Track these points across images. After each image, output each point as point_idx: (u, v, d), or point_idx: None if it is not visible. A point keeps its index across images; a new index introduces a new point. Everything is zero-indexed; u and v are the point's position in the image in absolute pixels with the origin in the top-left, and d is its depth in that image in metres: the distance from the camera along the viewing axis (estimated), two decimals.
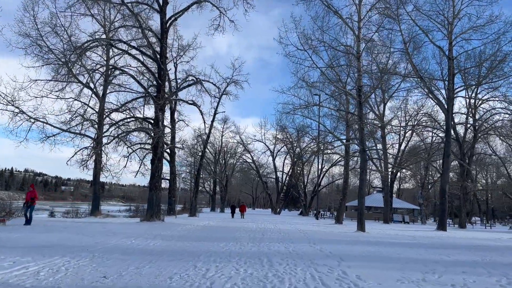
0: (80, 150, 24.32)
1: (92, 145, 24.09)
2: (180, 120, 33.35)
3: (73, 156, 24.17)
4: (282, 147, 61.56)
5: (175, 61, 32.65)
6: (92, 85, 27.97)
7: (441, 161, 41.18)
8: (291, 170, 61.24)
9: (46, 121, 24.40)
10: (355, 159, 42.28)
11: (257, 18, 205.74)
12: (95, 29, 30.68)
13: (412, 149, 49.45)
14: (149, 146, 24.61)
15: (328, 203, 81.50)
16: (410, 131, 46.16)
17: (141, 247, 10.42)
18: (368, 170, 46.84)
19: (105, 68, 28.17)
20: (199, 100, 31.64)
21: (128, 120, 24.87)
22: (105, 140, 24.83)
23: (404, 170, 51.40)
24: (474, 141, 41.25)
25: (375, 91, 33.39)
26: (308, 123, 49.31)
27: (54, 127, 24.67)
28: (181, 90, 27.61)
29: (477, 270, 8.48)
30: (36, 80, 23.35)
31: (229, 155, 63.12)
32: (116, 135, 23.80)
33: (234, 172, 68.71)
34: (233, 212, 37.94)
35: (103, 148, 24.82)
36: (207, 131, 36.07)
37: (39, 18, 24.55)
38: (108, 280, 6.21)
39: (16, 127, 23.05)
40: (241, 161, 66.25)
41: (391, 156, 45.75)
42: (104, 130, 25.75)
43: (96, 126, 26.89)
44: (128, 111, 25.88)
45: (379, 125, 37.57)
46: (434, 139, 46.94)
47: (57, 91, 25.02)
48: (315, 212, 51.71)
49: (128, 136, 24.55)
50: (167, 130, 29.27)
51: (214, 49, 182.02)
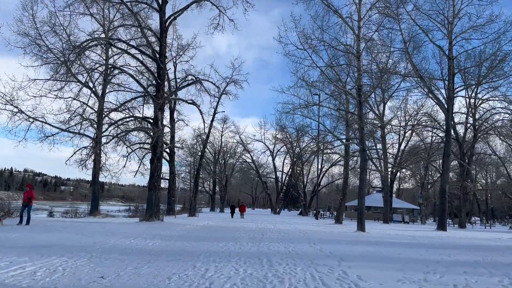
0: (79, 149, 24.31)
1: (91, 144, 24.03)
2: (180, 120, 33.34)
3: (72, 156, 24.16)
4: (281, 147, 61.59)
5: (174, 60, 32.63)
6: (91, 85, 27.87)
7: (440, 161, 41.12)
8: (290, 170, 61.18)
9: (45, 121, 24.37)
10: (355, 159, 42.23)
11: (256, 18, 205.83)
12: (94, 28, 30.54)
13: (412, 149, 49.37)
14: (148, 146, 24.53)
15: (328, 203, 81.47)
16: (410, 131, 46.09)
17: (139, 247, 10.34)
18: (368, 170, 46.76)
19: (104, 68, 28.07)
20: (198, 99, 31.65)
21: (127, 119, 24.81)
22: (104, 140, 24.79)
23: (403, 170, 51.37)
24: (474, 141, 41.19)
25: (375, 91, 33.32)
26: (308, 122, 49.25)
27: (53, 126, 24.63)
28: (180, 90, 27.54)
29: (479, 270, 8.41)
30: (35, 80, 23.28)
31: (228, 155, 63.03)
32: (115, 134, 23.73)
33: (233, 172, 68.60)
34: (232, 212, 37.85)
35: (102, 148, 24.76)
36: (206, 130, 36.00)
37: (38, 17, 24.48)
38: (105, 280, 6.13)
39: (15, 126, 23.05)
40: (240, 161, 66.21)
41: (391, 156, 45.70)
42: (103, 130, 25.69)
43: (95, 125, 26.82)
44: (127, 110, 25.85)
45: (379, 124, 37.49)
46: (434, 139, 46.90)
47: (56, 90, 24.94)
48: (314, 212, 51.64)
49: (127, 136, 24.49)
50: (167, 130, 29.25)
51: (214, 49, 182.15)
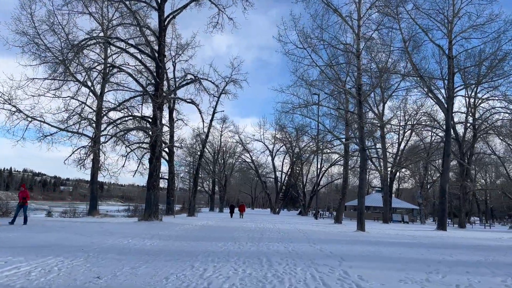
0: (77, 149, 24.17)
1: (90, 144, 23.90)
2: (179, 120, 33.16)
3: (70, 155, 24.03)
4: (281, 146, 61.46)
5: (173, 60, 32.48)
6: (89, 84, 27.74)
7: (440, 160, 41.03)
8: (290, 170, 61.09)
9: (43, 120, 24.26)
10: (354, 158, 42.15)
11: (256, 18, 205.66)
12: (92, 27, 30.40)
13: (411, 148, 49.29)
14: (147, 145, 24.41)
15: (327, 203, 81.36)
16: (410, 131, 45.99)
17: (137, 247, 10.21)
18: (367, 170, 46.62)
19: (103, 67, 27.93)
20: (197, 99, 31.53)
21: (126, 118, 24.68)
22: (102, 139, 24.66)
23: (403, 170, 51.22)
24: (474, 140, 41.09)
25: (374, 90, 33.22)
26: (307, 122, 49.12)
27: (52, 126, 24.52)
28: (179, 88, 27.38)
29: (481, 270, 8.30)
30: (34, 79, 23.13)
31: (228, 155, 62.88)
32: (114, 134, 23.61)
33: (233, 171, 68.46)
34: (231, 212, 37.74)
35: (100, 147, 24.63)
36: (205, 130, 35.87)
37: (37, 16, 24.39)
38: (101, 280, 6.00)
39: (13, 126, 22.95)
40: (240, 160, 66.05)
41: (390, 155, 45.58)
42: (102, 129, 25.57)
43: (94, 125, 26.69)
44: (126, 109, 25.72)
45: (379, 124, 37.39)
46: (433, 138, 46.82)
47: (54, 89, 24.80)
48: (314, 212, 51.55)
49: (126, 135, 24.36)
50: (165, 129, 29.12)
51: (213, 49, 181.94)
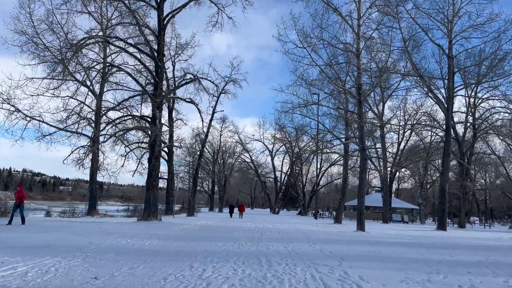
0: (76, 149, 24.09)
1: (89, 143, 23.82)
2: (178, 119, 33.04)
3: (69, 155, 23.95)
4: (280, 146, 61.36)
5: (173, 59, 32.34)
6: (88, 83, 27.64)
7: (440, 160, 40.96)
8: (289, 170, 61.00)
9: (42, 120, 24.16)
10: (354, 158, 42.07)
11: (256, 18, 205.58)
12: (92, 26, 30.28)
13: (411, 148, 49.23)
14: (146, 145, 24.33)
15: (327, 203, 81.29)
16: (409, 131, 45.92)
17: (136, 247, 10.14)
18: (367, 170, 46.54)
19: (102, 66, 27.84)
20: (197, 98, 31.32)
21: (125, 118, 24.60)
22: (102, 139, 24.58)
23: (403, 170, 51.13)
24: (474, 140, 41.01)
25: (374, 90, 33.13)
26: (307, 122, 49.05)
27: (50, 125, 24.41)
28: (179, 88, 27.31)
29: (482, 271, 8.23)
30: (32, 78, 23.03)
31: (227, 155, 62.82)
32: (113, 133, 23.53)
33: (232, 171, 68.39)
34: (231, 212, 37.65)
35: (100, 147, 24.55)
36: (205, 130, 35.76)
37: (35, 16, 24.21)
38: (99, 281, 5.93)
39: (12, 125, 22.88)
40: (239, 160, 65.96)
41: (390, 155, 45.51)
42: (101, 129, 25.48)
43: (93, 124, 26.60)
44: (125, 109, 25.64)
45: (378, 124, 37.32)
46: (433, 138, 46.76)
47: (53, 89, 24.67)
48: (313, 211, 51.48)
49: (125, 135, 24.28)
50: (165, 128, 29.02)
51: (213, 49, 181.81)
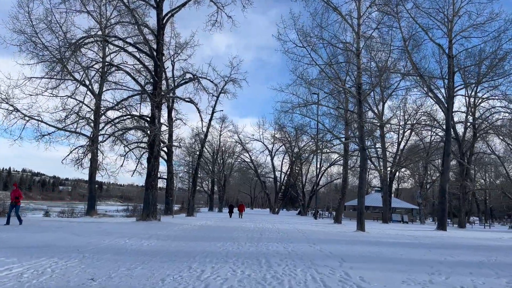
0: (75, 148, 24.03)
1: (88, 143, 23.72)
2: (178, 119, 32.92)
3: (68, 155, 23.89)
4: (280, 146, 61.27)
5: (172, 59, 32.20)
6: (87, 82, 27.52)
7: (439, 160, 40.87)
8: (289, 170, 60.90)
9: (41, 119, 24.08)
10: (354, 158, 41.97)
11: (256, 18, 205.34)
12: (91, 25, 30.19)
13: (411, 148, 49.15)
14: (145, 145, 24.21)
15: (327, 203, 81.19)
16: (409, 130, 45.83)
17: (134, 247, 10.04)
18: (367, 169, 46.43)
19: (100, 65, 27.72)
20: (196, 98, 31.34)
21: (124, 118, 24.49)
22: (101, 139, 24.47)
23: (403, 170, 51.02)
24: (474, 140, 40.92)
25: (374, 89, 33.03)
26: (307, 122, 48.97)
27: (49, 125, 24.35)
28: (178, 87, 27.19)
29: (484, 271, 8.14)
30: (31, 78, 22.93)
31: (227, 155, 62.70)
32: (112, 133, 23.43)
33: (232, 171, 68.27)
34: (231, 212, 37.52)
35: (98, 147, 24.44)
36: (204, 129, 35.62)
37: (34, 15, 24.05)
38: (95, 282, 5.82)
39: (11, 125, 22.80)
40: (239, 160, 65.84)
41: (390, 155, 45.41)
42: (100, 128, 25.37)
43: (92, 124, 26.49)
44: (124, 109, 25.53)
45: (378, 124, 37.22)
46: (433, 138, 46.67)
47: (51, 88, 24.53)
48: (313, 211, 51.38)
49: (124, 135, 24.17)
50: (164, 128, 28.90)
51: (212, 49, 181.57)
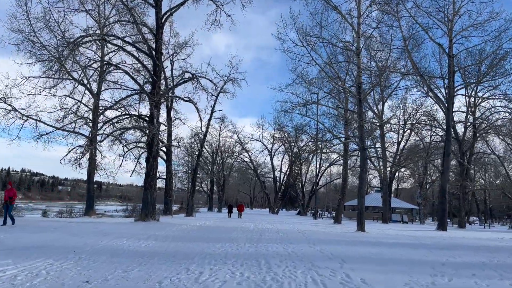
0: (74, 148, 23.89)
1: (86, 143, 23.57)
2: (177, 119, 32.77)
3: (66, 155, 23.74)
4: (280, 146, 61.15)
5: (171, 58, 32.04)
6: (85, 82, 27.37)
7: (439, 160, 40.75)
8: (289, 170, 60.76)
9: (39, 119, 23.93)
10: (354, 158, 41.84)
11: (255, 18, 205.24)
12: (89, 24, 30.02)
13: (411, 148, 49.03)
14: (144, 145, 24.06)
15: (326, 203, 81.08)
16: (409, 130, 45.70)
17: (132, 248, 9.89)
18: (367, 169, 46.27)
19: (99, 64, 27.56)
20: (195, 97, 31.21)
21: (123, 117, 24.35)
22: (99, 138, 24.32)
23: (402, 170, 50.91)
24: (474, 140, 40.81)
25: (374, 89, 32.90)
26: (307, 121, 48.80)
27: (47, 125, 24.20)
28: (177, 86, 27.05)
29: (488, 273, 8.00)
30: (29, 77, 22.79)
31: (226, 155, 62.55)
32: (110, 132, 23.30)
33: (231, 171, 68.10)
34: (230, 212, 37.36)
35: (97, 146, 24.30)
36: (203, 129, 35.48)
37: (32, 14, 23.90)
38: (90, 285, 5.68)
39: (9, 125, 22.66)
40: (238, 160, 65.70)
41: (390, 155, 45.27)
42: (98, 128, 25.23)
43: (90, 123, 26.35)
44: (122, 108, 25.40)
45: (378, 123, 37.10)
46: (433, 138, 46.56)
47: (49, 88, 24.39)
48: (313, 211, 51.24)
49: (123, 135, 24.03)
50: (163, 128, 28.73)
51: (212, 49, 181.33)
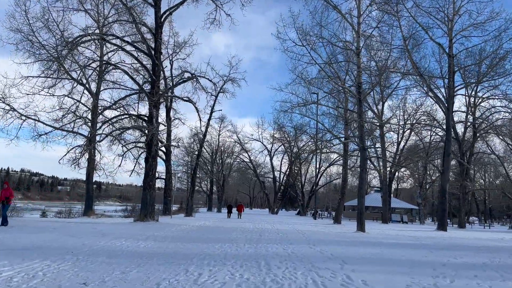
0: (72, 148, 23.78)
1: (85, 143, 23.48)
2: (176, 119, 32.65)
3: (65, 155, 23.63)
4: (279, 146, 61.11)
5: (170, 58, 31.94)
6: (84, 81, 27.27)
7: (439, 160, 40.70)
8: (288, 170, 60.70)
9: (37, 119, 23.83)
10: (353, 158, 41.77)
11: (255, 18, 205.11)
12: (88, 24, 29.93)
13: (411, 148, 48.97)
14: (143, 145, 23.97)
15: (326, 203, 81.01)
16: (409, 130, 45.64)
17: (130, 249, 9.80)
18: (367, 169, 46.17)
19: (98, 64, 27.45)
20: (195, 97, 31.13)
21: (122, 117, 24.25)
22: (98, 138, 24.21)
23: (402, 170, 50.85)
24: (474, 139, 40.75)
25: (374, 89, 32.82)
26: (306, 121, 48.76)
27: (46, 124, 24.10)
28: (176, 86, 26.96)
29: (490, 274, 7.92)
30: (28, 77, 22.70)
31: (226, 155, 62.45)
32: (109, 132, 23.20)
33: (231, 171, 68.00)
34: (229, 212, 37.27)
35: (96, 146, 24.21)
36: (203, 129, 35.39)
37: (31, 13, 23.81)
38: (88, 287, 5.59)
39: (7, 125, 22.59)
40: (238, 160, 65.62)
41: (390, 155, 45.20)
42: (97, 128, 25.12)
43: (89, 123, 26.25)
44: (122, 108, 25.29)
45: (378, 123, 37.02)
46: (433, 138, 46.50)
47: (48, 87, 24.29)
48: (312, 212, 51.17)
49: (122, 134, 23.93)
50: (162, 127, 28.64)
51: (211, 49, 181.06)
